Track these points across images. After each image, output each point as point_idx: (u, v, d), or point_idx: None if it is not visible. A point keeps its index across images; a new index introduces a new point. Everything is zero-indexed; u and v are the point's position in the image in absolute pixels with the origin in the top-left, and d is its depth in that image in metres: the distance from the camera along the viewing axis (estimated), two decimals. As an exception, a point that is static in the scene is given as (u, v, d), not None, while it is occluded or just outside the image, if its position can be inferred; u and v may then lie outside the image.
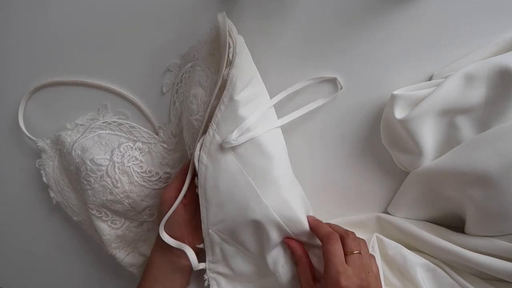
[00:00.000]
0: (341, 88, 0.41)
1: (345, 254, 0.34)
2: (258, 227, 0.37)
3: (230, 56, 0.35)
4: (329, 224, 0.39)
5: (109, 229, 0.46)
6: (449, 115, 0.37)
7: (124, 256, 0.48)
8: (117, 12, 0.42)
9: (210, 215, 0.38)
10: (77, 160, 0.43)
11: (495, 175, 0.34)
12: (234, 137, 0.36)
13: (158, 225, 0.40)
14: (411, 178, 0.41)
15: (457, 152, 0.37)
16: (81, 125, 0.46)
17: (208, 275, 0.41)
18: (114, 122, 0.46)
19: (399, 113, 0.37)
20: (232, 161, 0.37)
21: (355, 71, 0.41)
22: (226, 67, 0.35)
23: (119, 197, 0.43)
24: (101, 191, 0.43)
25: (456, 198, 0.39)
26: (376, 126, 0.42)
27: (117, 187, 0.43)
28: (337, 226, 0.39)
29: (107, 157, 0.43)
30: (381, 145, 0.42)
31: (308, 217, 0.38)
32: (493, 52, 0.37)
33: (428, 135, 0.37)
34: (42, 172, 0.48)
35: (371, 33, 0.39)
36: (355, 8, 0.38)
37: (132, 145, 0.45)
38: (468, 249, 0.37)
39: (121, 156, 0.44)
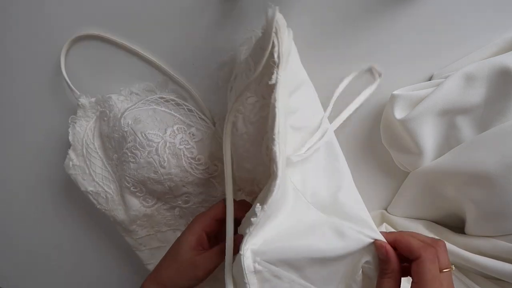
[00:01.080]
0: (380, 75, 0.40)
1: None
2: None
3: (275, 56, 0.31)
4: (405, 232, 0.33)
5: (139, 205, 0.44)
6: (449, 115, 0.37)
7: (144, 235, 0.46)
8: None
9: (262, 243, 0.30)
10: (126, 129, 0.40)
11: (495, 175, 0.34)
12: (304, 150, 0.33)
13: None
14: (411, 178, 0.41)
15: (457, 152, 0.37)
16: (136, 94, 0.43)
17: None
18: (173, 100, 0.43)
19: (399, 113, 0.37)
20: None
21: (355, 71, 0.41)
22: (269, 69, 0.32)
23: (162, 178, 0.41)
24: (145, 167, 0.40)
25: (456, 198, 0.39)
26: (376, 126, 0.42)
27: (164, 167, 0.40)
28: (419, 234, 0.32)
29: (160, 134, 0.40)
30: (381, 145, 0.42)
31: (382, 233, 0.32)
32: (493, 52, 0.37)
33: (428, 135, 0.37)
34: (70, 129, 0.44)
35: (371, 33, 0.39)
36: (355, 8, 0.38)
37: (186, 129, 0.42)
38: (468, 249, 0.37)
39: (174, 137, 0.41)
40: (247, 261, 0.28)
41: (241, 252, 0.28)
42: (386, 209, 0.45)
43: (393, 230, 0.42)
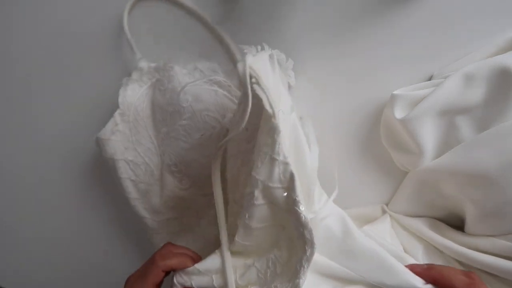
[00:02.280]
0: None
1: None
2: None
3: (267, 107, 0.29)
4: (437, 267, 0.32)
5: (174, 186, 0.41)
6: (449, 115, 0.37)
7: (169, 217, 0.44)
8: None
9: None
10: (184, 105, 0.37)
11: (495, 175, 0.34)
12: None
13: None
14: (411, 178, 0.41)
15: (457, 152, 0.37)
16: (200, 71, 0.41)
17: None
18: (235, 87, 0.40)
19: (399, 113, 0.37)
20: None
21: (355, 71, 0.41)
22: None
23: (210, 164, 0.36)
24: (196, 150, 0.38)
25: (455, 198, 0.39)
26: (376, 126, 0.42)
27: None
28: (452, 268, 0.32)
29: (219, 119, 0.38)
30: (381, 145, 0.42)
31: (413, 266, 0.33)
32: (493, 52, 0.37)
33: (428, 135, 0.37)
34: (120, 91, 0.41)
35: (371, 33, 0.39)
36: (354, 7, 0.38)
37: None
38: (468, 248, 0.37)
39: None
40: None
41: None
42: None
43: (396, 225, 0.42)
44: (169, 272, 0.35)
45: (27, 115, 0.49)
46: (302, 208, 0.28)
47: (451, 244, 0.38)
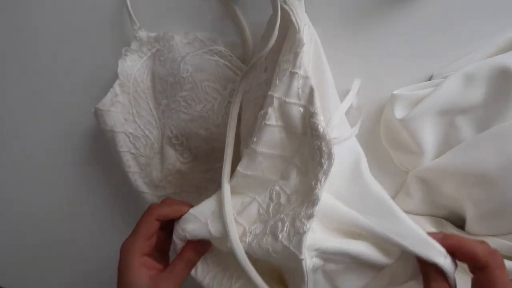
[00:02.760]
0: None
1: None
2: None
3: (294, 21, 0.28)
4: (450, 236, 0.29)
5: (175, 159, 0.41)
6: (449, 114, 0.37)
7: (169, 193, 0.42)
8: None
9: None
10: (184, 76, 0.37)
11: (495, 175, 0.34)
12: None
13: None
14: (411, 178, 0.41)
15: (457, 152, 0.37)
16: (201, 40, 0.39)
17: None
18: (236, 57, 0.38)
19: (399, 112, 0.37)
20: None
21: (355, 71, 0.41)
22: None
23: (211, 137, 0.37)
24: (197, 121, 0.37)
25: (456, 198, 0.39)
26: (376, 126, 0.42)
27: (217, 127, 0.37)
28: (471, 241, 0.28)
29: (221, 90, 0.37)
30: (381, 145, 0.42)
31: (433, 234, 0.28)
32: (493, 52, 0.37)
33: (428, 135, 0.37)
34: (119, 61, 0.40)
35: (371, 33, 0.39)
36: (354, 7, 0.39)
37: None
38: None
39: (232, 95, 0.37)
40: (308, 262, 0.26)
41: (301, 256, 0.26)
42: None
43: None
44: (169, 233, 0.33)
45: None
46: (320, 118, 0.26)
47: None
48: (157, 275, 0.30)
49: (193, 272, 0.33)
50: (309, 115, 0.27)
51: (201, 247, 0.32)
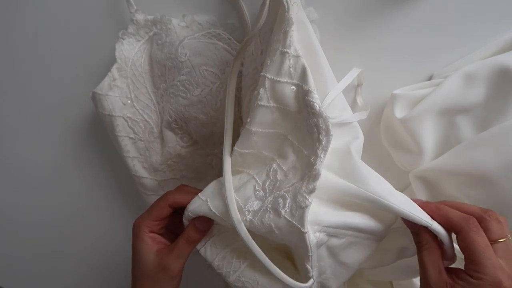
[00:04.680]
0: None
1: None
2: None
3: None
4: (449, 203, 0.30)
5: (175, 142, 0.40)
6: (449, 114, 0.37)
7: (168, 177, 0.42)
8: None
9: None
10: (182, 60, 0.36)
11: (495, 175, 0.34)
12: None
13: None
14: (412, 177, 0.41)
15: (457, 151, 0.37)
16: (198, 23, 0.39)
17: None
18: (235, 40, 0.37)
19: (399, 112, 0.37)
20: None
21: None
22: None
23: (210, 121, 0.37)
24: (195, 106, 0.37)
25: (456, 197, 0.38)
26: (376, 126, 0.42)
27: (215, 111, 0.37)
28: (465, 204, 0.30)
29: (219, 74, 0.36)
30: (381, 145, 0.42)
31: (415, 200, 0.30)
32: (493, 52, 0.37)
33: (428, 135, 0.37)
34: (117, 45, 0.39)
35: (371, 33, 0.39)
36: (354, 8, 0.39)
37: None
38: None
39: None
40: (311, 237, 0.27)
41: (304, 230, 0.27)
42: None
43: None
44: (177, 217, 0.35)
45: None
46: (315, 96, 0.27)
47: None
48: (163, 249, 0.34)
49: (202, 252, 0.34)
50: (303, 94, 0.28)
51: (200, 224, 0.33)
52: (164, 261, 0.33)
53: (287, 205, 0.28)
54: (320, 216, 0.28)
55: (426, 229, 0.28)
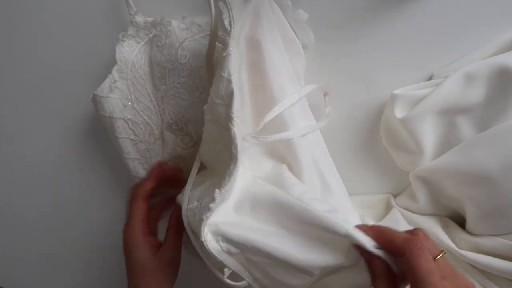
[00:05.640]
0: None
1: None
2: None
3: (226, 24, 0.29)
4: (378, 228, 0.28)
5: (176, 144, 0.40)
6: (449, 114, 0.37)
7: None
8: None
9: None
10: (182, 62, 0.36)
11: (495, 175, 0.34)
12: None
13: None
14: (412, 177, 0.41)
15: (457, 151, 0.37)
16: (198, 25, 0.39)
17: None
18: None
19: (399, 112, 0.37)
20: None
21: (355, 71, 0.41)
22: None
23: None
24: (196, 108, 0.37)
25: (456, 197, 0.38)
26: (376, 126, 0.42)
27: None
28: (393, 230, 0.27)
29: None
30: (381, 145, 0.42)
31: (360, 226, 0.27)
32: (493, 52, 0.37)
33: (429, 134, 0.37)
34: (117, 47, 0.39)
35: (371, 33, 0.39)
36: (354, 8, 0.39)
37: None
38: (469, 247, 0.37)
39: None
40: (211, 244, 0.28)
41: (202, 238, 0.28)
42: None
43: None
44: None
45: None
46: (235, 122, 0.28)
47: (450, 243, 0.38)
48: (160, 251, 0.35)
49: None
50: (227, 117, 0.29)
51: (179, 210, 0.34)
52: (166, 254, 0.35)
53: (201, 211, 0.30)
54: (224, 226, 0.29)
55: (378, 257, 0.26)
